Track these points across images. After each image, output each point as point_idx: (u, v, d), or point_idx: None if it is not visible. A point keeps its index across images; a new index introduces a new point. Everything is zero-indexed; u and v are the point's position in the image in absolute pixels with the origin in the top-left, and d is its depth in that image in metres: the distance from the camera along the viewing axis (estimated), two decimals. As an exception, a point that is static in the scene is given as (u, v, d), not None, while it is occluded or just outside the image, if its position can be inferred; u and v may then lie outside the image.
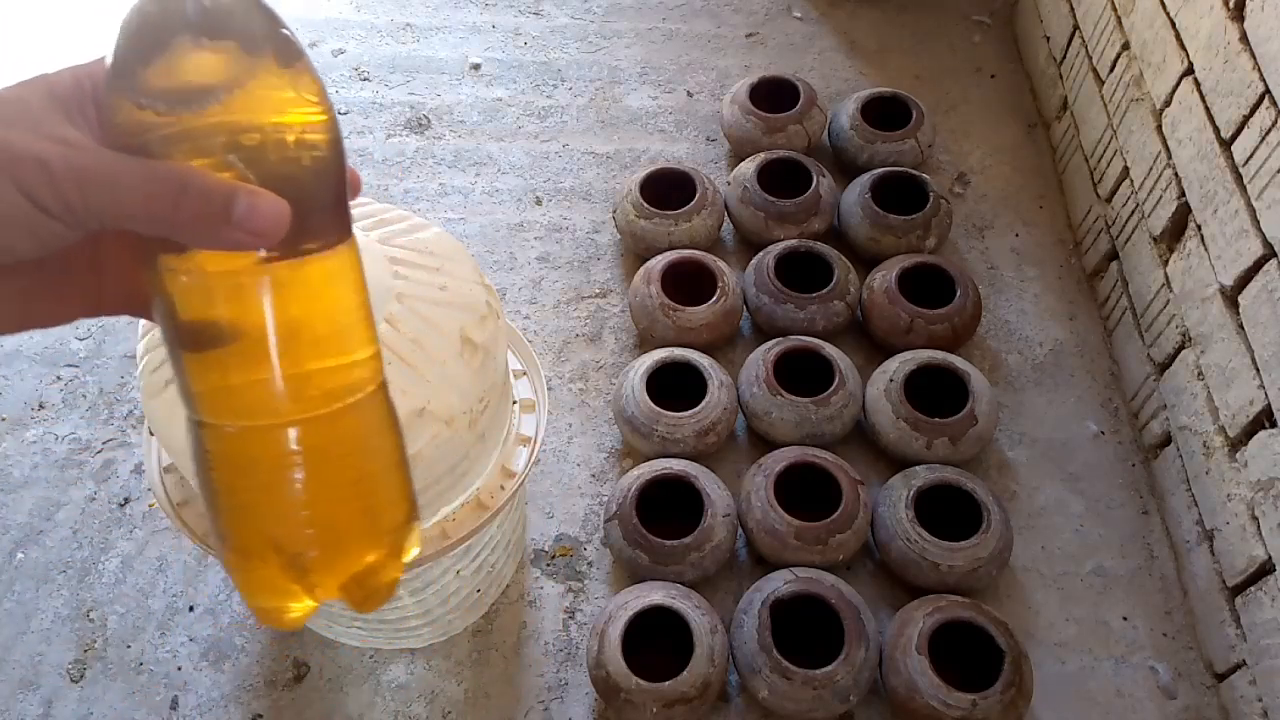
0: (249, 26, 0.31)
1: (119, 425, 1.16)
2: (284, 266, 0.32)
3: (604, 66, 1.58)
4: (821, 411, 1.07)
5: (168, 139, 0.30)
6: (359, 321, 0.37)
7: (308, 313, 0.34)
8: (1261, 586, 0.90)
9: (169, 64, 0.30)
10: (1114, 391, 1.20)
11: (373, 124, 1.49)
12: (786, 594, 0.93)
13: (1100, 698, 0.98)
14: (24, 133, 0.29)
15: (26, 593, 1.03)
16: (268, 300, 0.32)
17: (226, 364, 0.33)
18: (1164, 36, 1.10)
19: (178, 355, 0.34)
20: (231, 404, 0.34)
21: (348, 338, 0.36)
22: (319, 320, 0.34)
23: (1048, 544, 1.08)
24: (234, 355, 0.33)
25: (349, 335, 0.36)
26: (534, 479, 1.11)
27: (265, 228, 0.30)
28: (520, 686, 0.97)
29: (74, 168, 0.29)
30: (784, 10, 1.68)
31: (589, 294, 1.29)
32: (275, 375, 0.33)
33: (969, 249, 1.35)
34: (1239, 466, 0.94)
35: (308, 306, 0.34)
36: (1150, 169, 1.13)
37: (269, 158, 0.31)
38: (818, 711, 0.89)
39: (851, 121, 1.37)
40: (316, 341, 0.34)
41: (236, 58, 0.31)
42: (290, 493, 0.35)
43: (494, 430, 0.77)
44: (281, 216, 0.31)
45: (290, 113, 0.32)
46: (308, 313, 0.34)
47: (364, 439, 0.37)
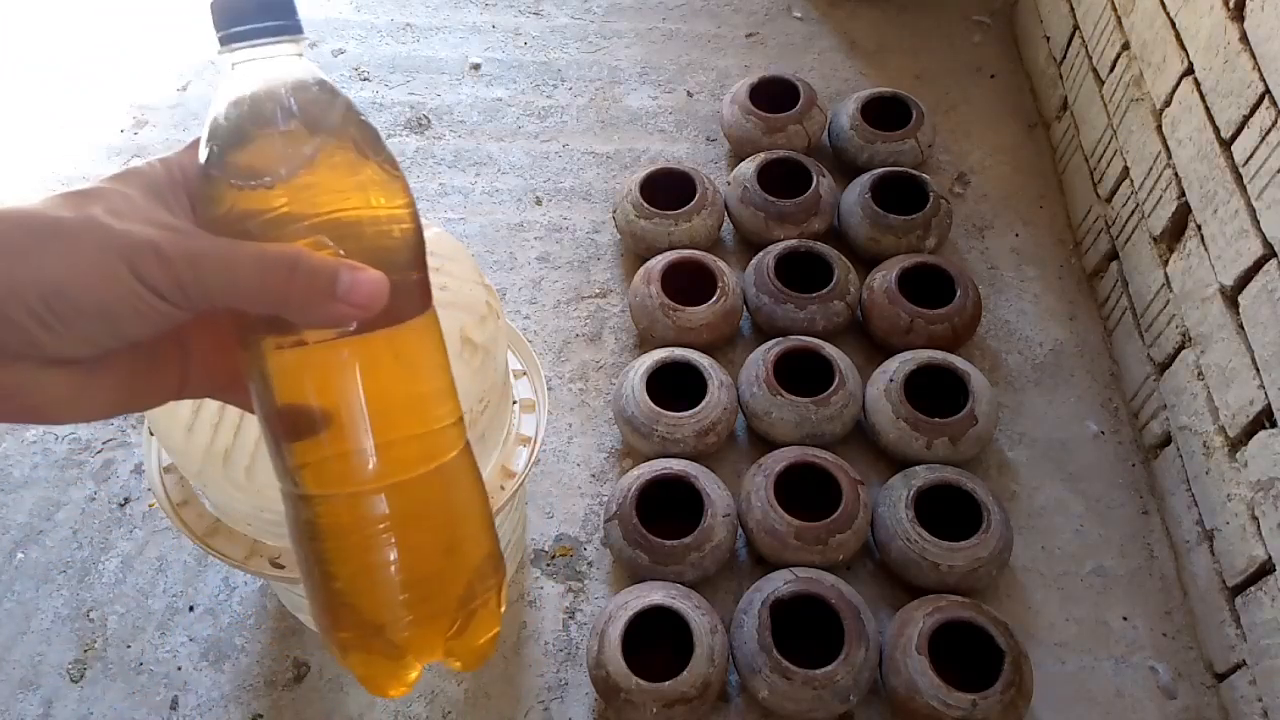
0: (334, 117, 0.34)
1: (119, 425, 1.16)
2: (381, 336, 0.35)
3: (604, 66, 1.58)
4: (821, 411, 1.07)
5: (268, 222, 0.32)
6: (447, 385, 0.38)
7: (403, 379, 0.36)
8: (1261, 586, 0.90)
9: (268, 151, 0.33)
10: (1114, 391, 1.20)
11: (373, 124, 1.49)
12: (786, 594, 0.93)
13: (1100, 698, 0.98)
14: (134, 222, 0.31)
15: (26, 593, 1.03)
16: (365, 371, 0.34)
17: (325, 438, 0.35)
18: (1164, 36, 1.10)
19: (278, 438, 0.35)
20: (328, 474, 0.35)
21: (437, 402, 0.37)
22: (412, 386, 0.36)
23: (1048, 544, 1.08)
24: (333, 429, 0.34)
25: (439, 400, 0.38)
26: (534, 479, 1.11)
27: (367, 300, 0.32)
28: (520, 686, 0.97)
29: (188, 251, 0.31)
30: (784, 10, 1.68)
31: (589, 294, 1.29)
32: (371, 444, 0.34)
33: (969, 249, 1.35)
34: (1239, 466, 0.94)
35: (403, 373, 0.36)
36: (1150, 169, 1.13)
37: (363, 235, 0.34)
38: (818, 711, 0.89)
39: (851, 121, 1.37)
40: (410, 408, 0.36)
41: (329, 144, 0.33)
42: (386, 562, 0.35)
43: (494, 430, 0.77)
44: (381, 288, 0.33)
45: (375, 192, 0.34)
46: (403, 379, 0.36)
47: (452, 500, 0.38)
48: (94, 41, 1.60)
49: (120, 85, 1.53)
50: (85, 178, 1.40)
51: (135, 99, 1.51)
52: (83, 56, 1.57)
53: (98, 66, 1.56)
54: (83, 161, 1.42)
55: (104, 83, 1.53)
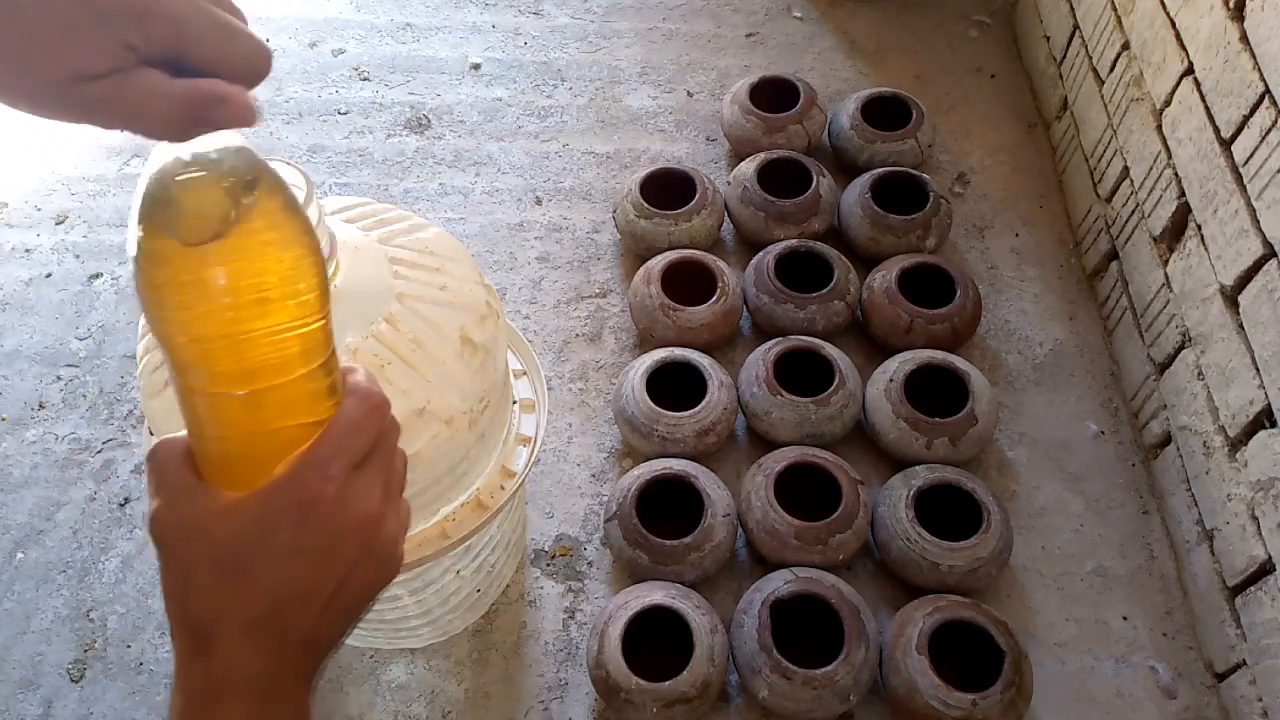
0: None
1: (119, 425, 1.16)
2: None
3: (604, 66, 1.58)
4: (821, 411, 1.07)
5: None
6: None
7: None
8: (1261, 586, 0.90)
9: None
10: (1114, 391, 1.20)
11: (373, 124, 1.49)
12: (786, 594, 0.93)
13: (1100, 698, 0.98)
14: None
15: (26, 593, 1.03)
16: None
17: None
18: (1164, 36, 1.10)
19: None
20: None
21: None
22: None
23: (1048, 544, 1.08)
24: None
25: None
26: (534, 479, 1.11)
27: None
28: (520, 686, 0.97)
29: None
30: (784, 10, 1.68)
31: (589, 294, 1.29)
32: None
33: (969, 249, 1.35)
34: (1239, 466, 0.94)
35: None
36: (1150, 169, 1.13)
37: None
38: (818, 711, 0.89)
39: (851, 121, 1.37)
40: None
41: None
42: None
43: (494, 430, 0.77)
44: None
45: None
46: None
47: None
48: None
49: (120, 85, 1.53)
50: (85, 178, 1.40)
51: (135, 99, 1.51)
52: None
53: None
54: (83, 161, 1.42)
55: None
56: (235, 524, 0.36)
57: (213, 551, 0.36)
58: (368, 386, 0.39)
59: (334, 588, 0.37)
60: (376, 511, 0.38)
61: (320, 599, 0.37)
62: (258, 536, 0.36)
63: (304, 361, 0.37)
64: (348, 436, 0.37)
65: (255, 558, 0.36)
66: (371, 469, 0.38)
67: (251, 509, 0.36)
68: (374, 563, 0.39)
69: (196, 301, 0.34)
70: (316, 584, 0.37)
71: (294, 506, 0.36)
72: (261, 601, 0.36)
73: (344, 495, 0.37)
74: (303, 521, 0.36)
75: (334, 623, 0.39)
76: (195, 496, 0.37)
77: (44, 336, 1.24)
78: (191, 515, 0.36)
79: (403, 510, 0.41)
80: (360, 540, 0.38)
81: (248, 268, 0.35)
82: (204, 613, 0.36)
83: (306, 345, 0.37)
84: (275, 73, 1.55)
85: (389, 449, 0.40)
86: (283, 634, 0.37)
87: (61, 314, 1.26)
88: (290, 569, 0.36)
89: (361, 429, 0.38)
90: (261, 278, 0.35)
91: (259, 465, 0.37)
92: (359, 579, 0.38)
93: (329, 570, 0.37)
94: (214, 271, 0.34)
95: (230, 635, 0.36)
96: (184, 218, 0.34)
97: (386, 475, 0.39)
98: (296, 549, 0.36)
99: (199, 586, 0.36)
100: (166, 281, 0.34)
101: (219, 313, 0.35)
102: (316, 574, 0.37)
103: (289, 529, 0.36)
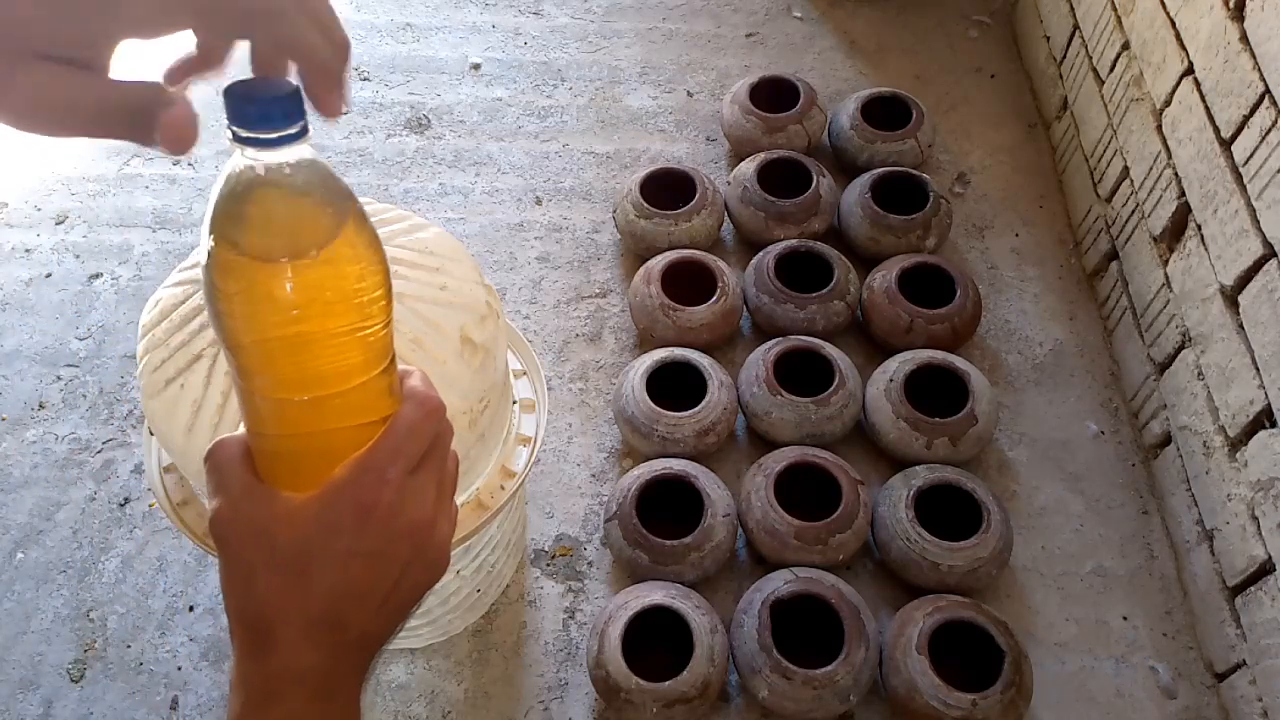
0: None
1: (119, 425, 1.16)
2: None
3: (604, 66, 1.58)
4: (821, 411, 1.07)
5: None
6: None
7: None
8: (1261, 586, 0.90)
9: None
10: (1114, 391, 1.20)
11: (373, 124, 1.49)
12: (786, 594, 0.93)
13: (1100, 698, 0.98)
14: None
15: (26, 593, 1.03)
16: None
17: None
18: (1164, 36, 1.10)
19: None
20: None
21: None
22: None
23: (1048, 544, 1.08)
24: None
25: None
26: (534, 479, 1.11)
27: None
28: (520, 686, 0.97)
29: None
30: (784, 10, 1.68)
31: (589, 294, 1.29)
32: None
33: (969, 249, 1.35)
34: (1239, 466, 0.94)
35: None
36: (1150, 169, 1.13)
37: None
38: (818, 711, 0.89)
39: (851, 121, 1.37)
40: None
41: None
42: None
43: (494, 430, 0.77)
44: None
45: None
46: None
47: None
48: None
49: (120, 85, 1.53)
50: (85, 178, 1.40)
51: (135, 99, 1.51)
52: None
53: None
54: (83, 161, 1.42)
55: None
56: (296, 527, 0.37)
57: (274, 553, 0.37)
58: (425, 391, 0.40)
59: (389, 588, 0.39)
60: (429, 515, 0.39)
61: (376, 599, 0.38)
62: (318, 539, 0.37)
63: (365, 369, 0.38)
64: (405, 441, 0.38)
65: (315, 560, 0.37)
66: (426, 472, 0.39)
67: (312, 512, 0.37)
68: (425, 564, 0.40)
69: (267, 313, 0.35)
70: (373, 585, 0.38)
71: (353, 510, 0.37)
72: (321, 602, 0.37)
73: (400, 500, 0.38)
74: (361, 525, 0.37)
75: (388, 620, 0.40)
76: (256, 498, 0.37)
77: (44, 336, 1.24)
78: (253, 517, 0.37)
79: (452, 512, 0.43)
80: (414, 543, 0.39)
81: (323, 286, 0.35)
82: (265, 612, 0.37)
83: (369, 355, 0.38)
84: (275, 73, 1.55)
85: (442, 452, 0.41)
86: (340, 632, 0.38)
87: (61, 314, 1.26)
88: (349, 571, 0.37)
89: (418, 433, 0.39)
90: (336, 295, 0.35)
91: (318, 465, 0.38)
92: (411, 579, 0.40)
93: (385, 571, 0.38)
94: (287, 287, 0.34)
95: (290, 634, 0.37)
96: (263, 235, 0.34)
97: (439, 478, 0.40)
98: (355, 552, 0.37)
99: (260, 587, 0.37)
100: (238, 292, 0.35)
101: (288, 324, 0.35)
102: (373, 575, 0.38)
103: (348, 532, 0.37)
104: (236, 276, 0.35)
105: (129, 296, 1.28)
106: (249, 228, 0.34)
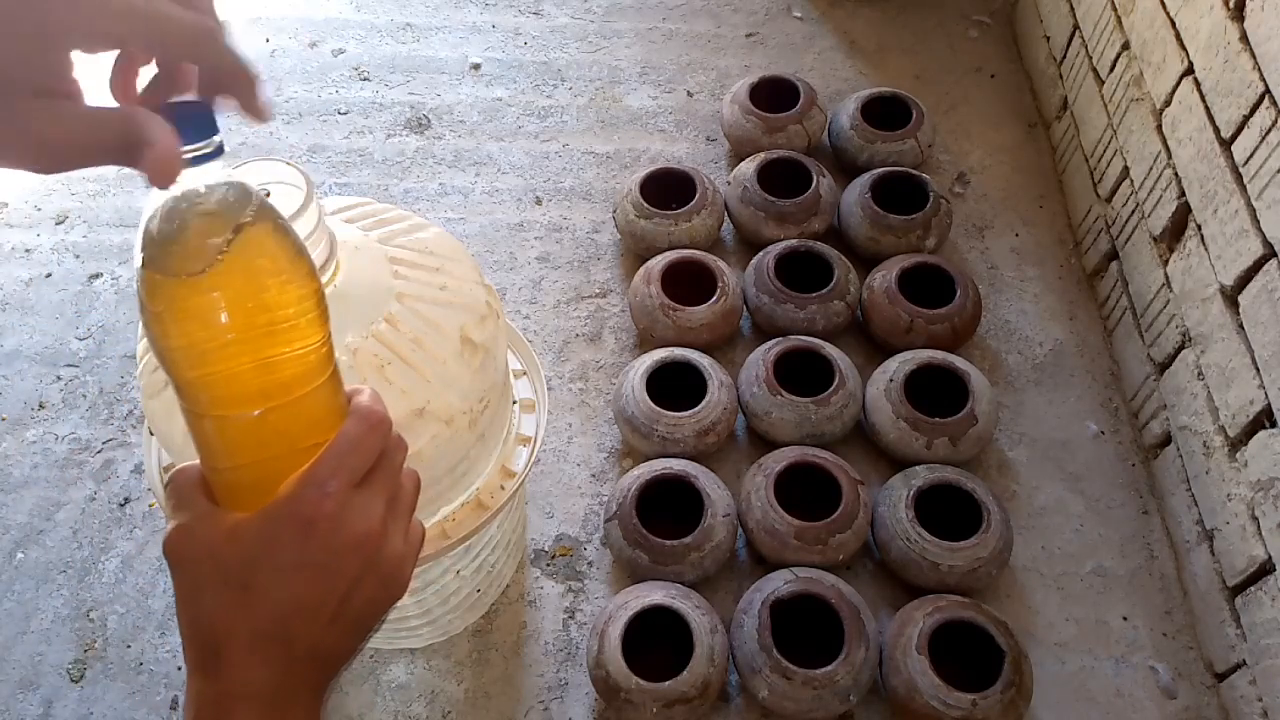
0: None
1: (119, 425, 1.16)
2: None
3: (604, 66, 1.58)
4: (821, 411, 1.07)
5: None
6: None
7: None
8: (1261, 586, 0.90)
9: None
10: (1114, 391, 1.20)
11: (373, 124, 1.49)
12: (786, 594, 0.93)
13: (1100, 698, 0.98)
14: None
15: (26, 593, 1.03)
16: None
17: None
18: (1164, 36, 1.10)
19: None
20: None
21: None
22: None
23: (1048, 544, 1.08)
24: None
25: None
26: (534, 479, 1.11)
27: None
28: (520, 686, 0.97)
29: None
30: (784, 10, 1.68)
31: (589, 294, 1.29)
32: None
33: (969, 249, 1.35)
34: (1239, 466, 0.94)
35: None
36: (1150, 169, 1.13)
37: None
38: (818, 711, 0.89)
39: (851, 121, 1.37)
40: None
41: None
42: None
43: (494, 430, 0.77)
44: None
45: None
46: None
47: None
48: (94, 41, 1.59)
49: (120, 85, 1.53)
50: (85, 178, 1.40)
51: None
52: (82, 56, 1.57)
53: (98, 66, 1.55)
54: (83, 161, 1.42)
55: (104, 82, 1.53)
56: (240, 543, 0.37)
57: (220, 570, 0.37)
58: (369, 406, 0.40)
59: (338, 602, 0.38)
60: (377, 529, 0.39)
61: (325, 613, 0.38)
62: (261, 554, 0.37)
63: (303, 383, 0.38)
64: (347, 455, 0.38)
65: (259, 574, 0.37)
66: (373, 487, 0.39)
67: (255, 528, 0.37)
68: (377, 580, 0.40)
69: (194, 329, 0.36)
70: (320, 598, 0.38)
71: (294, 523, 0.37)
72: (266, 616, 0.37)
73: (343, 512, 0.38)
74: (303, 538, 0.37)
75: (341, 636, 0.39)
76: (207, 519, 0.38)
77: (44, 336, 1.24)
78: (201, 536, 0.38)
79: (413, 531, 0.42)
80: (361, 556, 0.38)
81: (238, 295, 0.36)
82: (212, 629, 0.37)
83: (304, 368, 0.38)
84: (275, 73, 1.55)
85: (392, 468, 0.41)
86: (288, 647, 0.38)
87: (61, 314, 1.26)
88: (293, 584, 0.37)
89: (360, 447, 0.39)
90: (254, 304, 0.36)
91: (266, 488, 0.38)
92: (363, 595, 0.39)
93: (331, 585, 0.38)
94: (207, 300, 0.35)
95: (237, 650, 0.37)
96: (173, 250, 0.35)
97: (390, 493, 0.40)
98: (298, 565, 0.37)
99: (207, 604, 0.37)
100: (163, 311, 0.36)
101: (217, 338, 0.36)
102: (319, 588, 0.38)
103: (290, 546, 0.37)
104: (158, 296, 0.36)
105: (129, 296, 1.28)
106: (161, 246, 0.36)
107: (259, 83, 0.39)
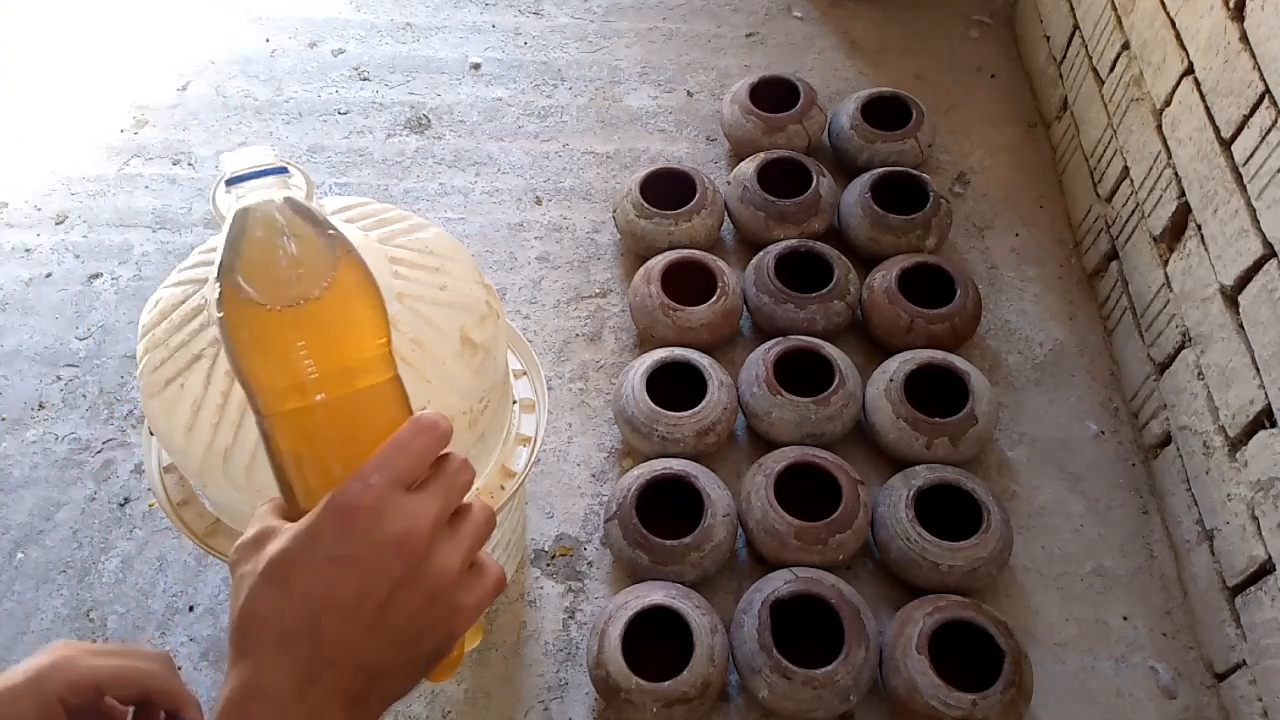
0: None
1: (119, 425, 1.16)
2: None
3: (604, 66, 1.58)
4: (821, 411, 1.07)
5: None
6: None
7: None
8: (1261, 586, 0.90)
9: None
10: (1114, 391, 1.20)
11: (373, 124, 1.49)
12: (786, 594, 0.93)
13: (1100, 698, 0.98)
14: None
15: (26, 593, 1.03)
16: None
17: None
18: (1164, 36, 1.10)
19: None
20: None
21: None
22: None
23: (1048, 544, 1.08)
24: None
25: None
26: (534, 479, 1.11)
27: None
28: (520, 686, 0.97)
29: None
30: (784, 10, 1.68)
31: (589, 294, 1.29)
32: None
33: (969, 249, 1.35)
34: (1239, 466, 0.94)
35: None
36: (1150, 169, 1.13)
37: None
38: (818, 711, 0.89)
39: (851, 121, 1.37)
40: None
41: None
42: None
43: (494, 430, 0.77)
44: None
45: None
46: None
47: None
48: (94, 41, 1.60)
49: (120, 85, 1.53)
50: (85, 177, 1.40)
51: (135, 99, 1.51)
52: (83, 56, 1.57)
53: (98, 66, 1.56)
54: (83, 161, 1.42)
55: (104, 83, 1.53)
56: (284, 538, 0.37)
57: (262, 562, 0.37)
58: (428, 415, 0.40)
59: (375, 606, 0.37)
60: (422, 532, 0.37)
61: (361, 615, 0.37)
62: (300, 546, 0.37)
63: (380, 412, 0.41)
64: (394, 454, 0.38)
65: (296, 566, 0.37)
66: (426, 493, 0.38)
67: (301, 524, 0.37)
68: (423, 593, 0.38)
69: (276, 356, 0.38)
70: (354, 596, 0.36)
71: (334, 513, 0.37)
72: (297, 610, 0.36)
73: (384, 506, 0.37)
74: (342, 528, 0.36)
75: (381, 648, 0.37)
76: (267, 527, 0.39)
77: (44, 336, 1.24)
78: (255, 537, 0.39)
79: (486, 567, 0.40)
80: (401, 559, 0.37)
81: (326, 333, 0.38)
82: (243, 623, 0.37)
83: (380, 397, 0.41)
84: (275, 72, 1.55)
85: (450, 483, 0.39)
86: (316, 647, 0.36)
87: (61, 314, 1.26)
88: (326, 575, 0.36)
89: (409, 448, 0.38)
90: (338, 342, 0.39)
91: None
92: (405, 605, 0.37)
93: (367, 582, 0.36)
94: (294, 334, 0.38)
95: (264, 646, 0.36)
96: (264, 283, 0.38)
97: (444, 505, 0.39)
98: (333, 556, 0.36)
99: (245, 596, 0.37)
100: (248, 338, 0.38)
101: (297, 364, 0.38)
102: (353, 584, 0.36)
103: (328, 536, 0.37)
104: (244, 324, 0.38)
105: (129, 296, 1.28)
106: (251, 275, 0.38)
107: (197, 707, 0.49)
